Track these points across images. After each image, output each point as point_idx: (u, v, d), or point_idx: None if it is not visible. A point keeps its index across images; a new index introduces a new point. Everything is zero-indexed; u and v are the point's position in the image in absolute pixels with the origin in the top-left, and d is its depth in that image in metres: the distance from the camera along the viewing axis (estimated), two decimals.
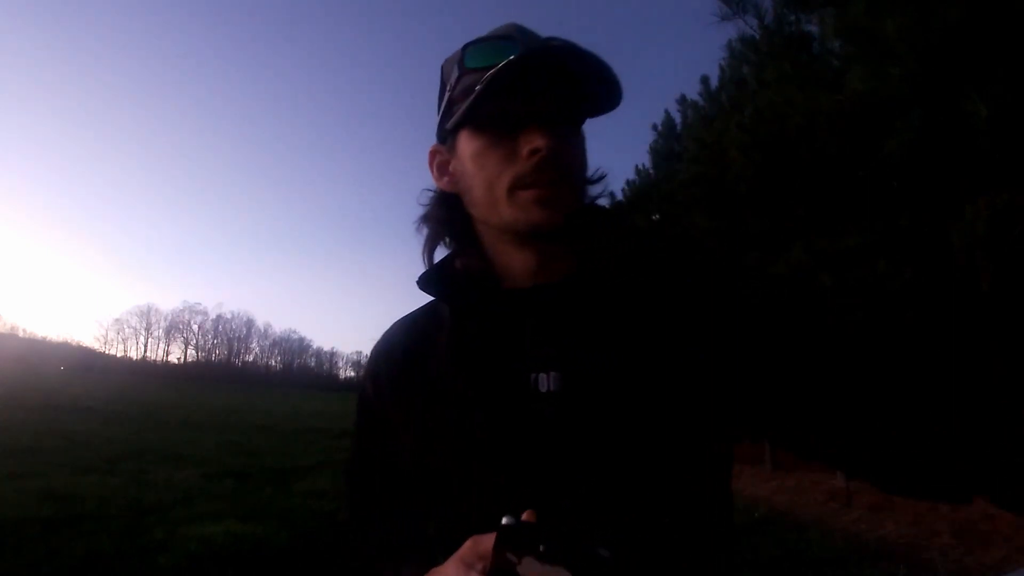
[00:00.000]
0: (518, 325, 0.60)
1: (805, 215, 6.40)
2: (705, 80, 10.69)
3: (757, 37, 6.38)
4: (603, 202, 0.66)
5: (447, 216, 0.65)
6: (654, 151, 13.17)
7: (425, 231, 0.67)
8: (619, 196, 13.37)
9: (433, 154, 0.65)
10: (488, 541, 0.47)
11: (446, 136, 0.63)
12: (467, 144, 0.59)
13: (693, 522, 0.56)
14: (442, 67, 0.64)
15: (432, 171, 0.66)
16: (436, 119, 0.66)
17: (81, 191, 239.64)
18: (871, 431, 0.52)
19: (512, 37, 0.57)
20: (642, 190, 12.71)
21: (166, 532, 4.24)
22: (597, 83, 0.56)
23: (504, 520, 0.45)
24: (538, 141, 0.54)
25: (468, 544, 0.50)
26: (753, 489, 7.16)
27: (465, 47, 0.59)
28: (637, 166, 13.61)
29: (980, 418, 0.51)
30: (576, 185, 0.59)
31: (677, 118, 12.42)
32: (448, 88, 0.61)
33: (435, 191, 0.67)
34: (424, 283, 0.65)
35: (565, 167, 0.57)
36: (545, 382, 0.57)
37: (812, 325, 0.58)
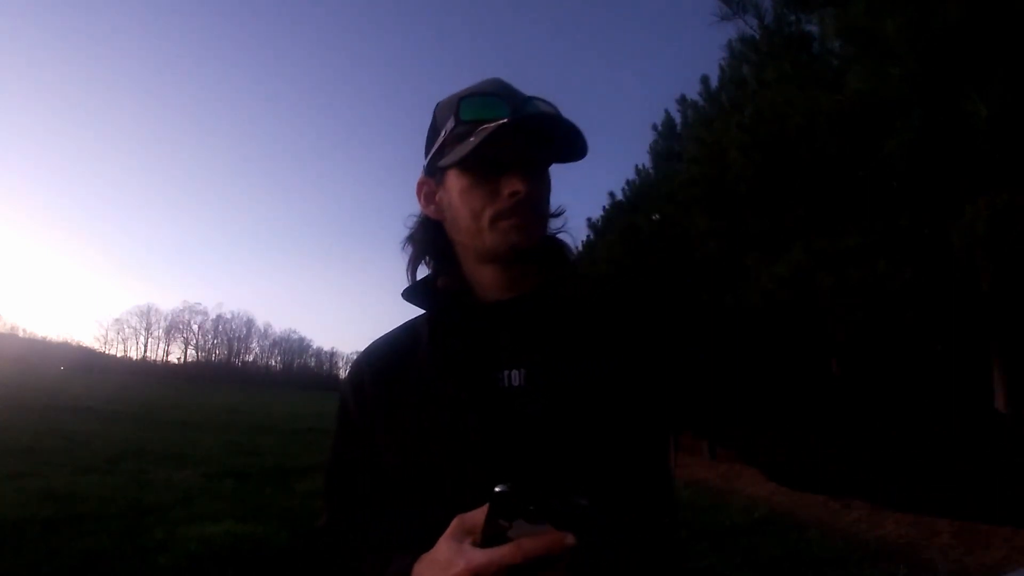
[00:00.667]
0: (491, 332, 0.71)
1: (805, 215, 6.40)
2: (705, 80, 10.67)
3: (757, 37, 6.39)
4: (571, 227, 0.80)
5: (430, 238, 0.76)
6: (654, 151, 13.15)
7: (410, 250, 0.78)
8: (619, 196, 13.42)
9: (420, 185, 0.76)
10: (473, 517, 0.51)
11: (435, 171, 0.73)
12: (455, 181, 0.70)
13: (641, 485, 0.68)
14: (435, 112, 0.74)
15: (419, 200, 0.76)
16: (424, 153, 0.76)
17: (81, 191, 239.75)
18: (769, 431, 0.65)
19: (499, 95, 0.69)
20: (642, 190, 12.72)
21: (166, 532, 4.24)
22: (566, 142, 0.69)
23: (497, 488, 0.48)
24: (517, 185, 0.66)
25: (455, 523, 0.54)
26: (753, 489, 7.15)
27: (460, 100, 0.69)
28: (637, 166, 13.61)
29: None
30: (544, 219, 0.72)
31: (677, 118, 12.38)
32: (443, 132, 0.71)
33: (420, 216, 0.77)
34: (408, 295, 0.75)
35: (536, 205, 0.69)
36: (516, 378, 0.68)
37: (735, 340, 0.70)
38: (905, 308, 5.23)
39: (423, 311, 0.76)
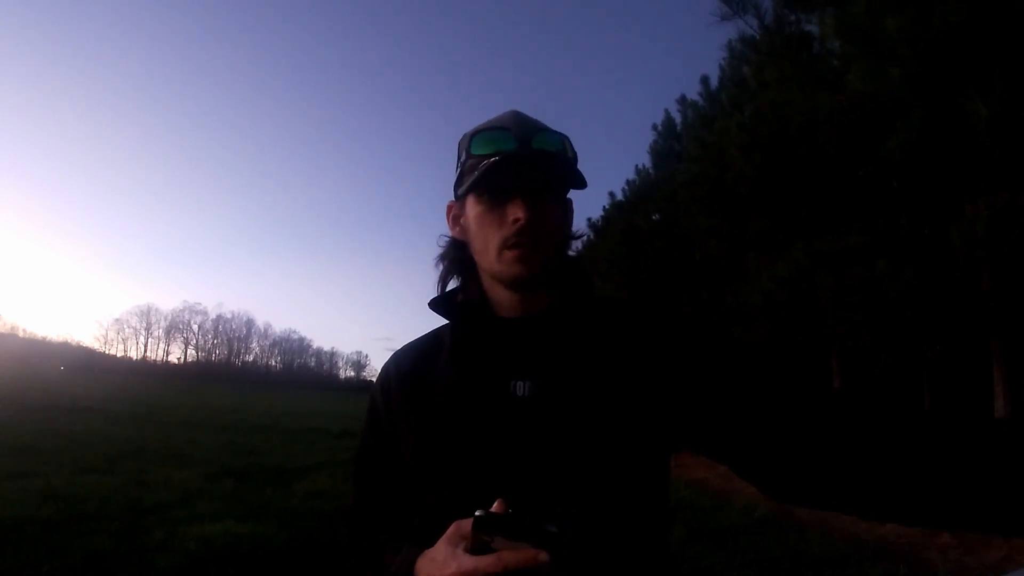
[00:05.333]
0: (503, 345, 0.76)
1: (805, 215, 6.41)
2: (705, 80, 10.68)
3: (757, 37, 6.39)
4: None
5: (457, 257, 0.82)
6: (654, 151, 13.16)
7: (441, 267, 0.84)
8: (619, 196, 13.42)
9: (449, 208, 0.82)
10: (467, 525, 0.59)
11: (458, 197, 0.79)
12: (472, 207, 0.75)
13: (632, 502, 0.71)
14: (460, 142, 0.80)
15: (448, 221, 0.82)
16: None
17: (81, 191, 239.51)
18: (762, 446, 0.67)
19: (508, 128, 0.72)
20: (642, 190, 12.73)
21: (166, 532, 4.23)
22: (567, 174, 0.74)
23: (477, 512, 0.57)
24: (519, 213, 0.70)
25: (452, 528, 0.62)
26: (753, 489, 7.12)
27: (473, 136, 0.75)
28: (637, 166, 13.63)
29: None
30: (552, 245, 0.74)
31: (677, 118, 12.39)
32: (460, 163, 0.78)
33: (449, 237, 0.83)
34: (434, 305, 0.82)
35: (541, 232, 0.72)
36: (523, 388, 0.73)
37: (727, 359, 0.73)
38: (905, 308, 5.23)
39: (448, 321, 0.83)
